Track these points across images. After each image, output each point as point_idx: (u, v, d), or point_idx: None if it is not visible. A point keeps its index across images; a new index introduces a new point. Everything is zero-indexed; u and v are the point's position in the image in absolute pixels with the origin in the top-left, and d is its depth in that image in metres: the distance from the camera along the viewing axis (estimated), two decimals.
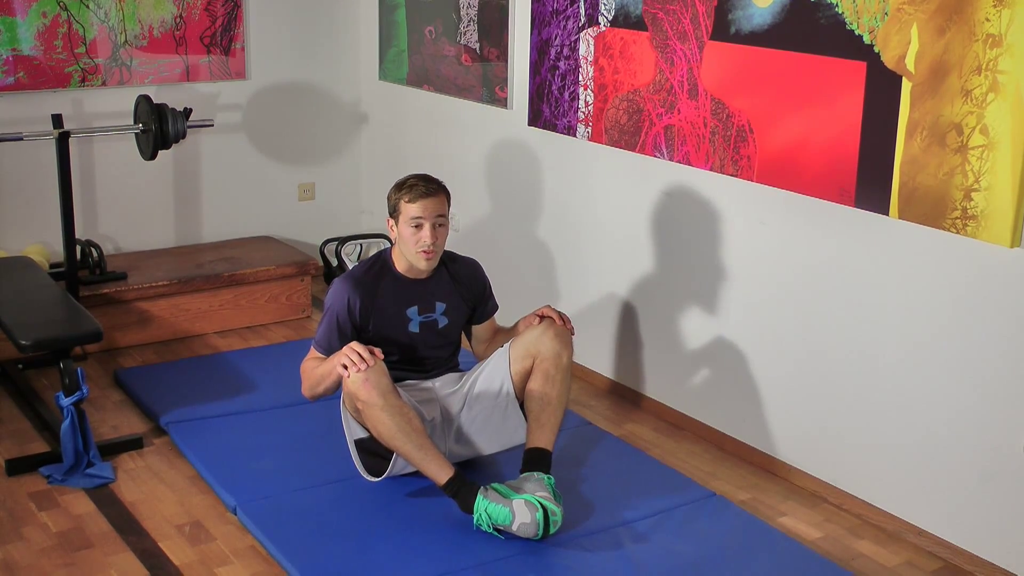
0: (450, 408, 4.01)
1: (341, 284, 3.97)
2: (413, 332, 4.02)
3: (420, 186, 3.92)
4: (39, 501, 3.95)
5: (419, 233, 3.88)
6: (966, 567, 3.71)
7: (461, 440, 4.00)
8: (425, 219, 3.87)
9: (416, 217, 3.87)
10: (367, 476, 3.95)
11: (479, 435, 4.02)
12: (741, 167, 4.18)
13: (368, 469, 3.94)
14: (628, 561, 3.62)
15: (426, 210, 3.88)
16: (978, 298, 3.56)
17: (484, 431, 4.02)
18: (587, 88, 4.78)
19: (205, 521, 3.86)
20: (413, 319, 4.01)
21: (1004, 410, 3.55)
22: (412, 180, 3.95)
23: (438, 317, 4.06)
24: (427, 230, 3.88)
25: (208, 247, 5.97)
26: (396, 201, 3.93)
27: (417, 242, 3.89)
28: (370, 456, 3.92)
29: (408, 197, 3.89)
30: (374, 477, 3.94)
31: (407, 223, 3.89)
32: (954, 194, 3.51)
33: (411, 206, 3.88)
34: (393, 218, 3.95)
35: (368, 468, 3.94)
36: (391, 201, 3.96)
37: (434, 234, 3.90)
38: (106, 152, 5.67)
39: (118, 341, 5.28)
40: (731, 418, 4.48)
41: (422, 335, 4.04)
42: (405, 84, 5.99)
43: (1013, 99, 3.30)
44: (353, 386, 3.72)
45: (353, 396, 3.76)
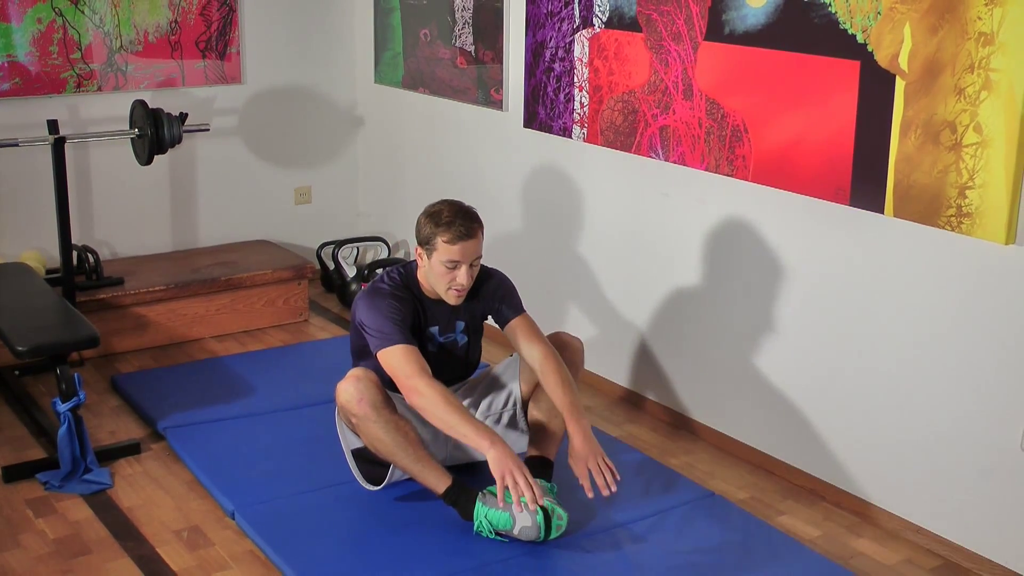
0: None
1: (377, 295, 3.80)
2: (432, 351, 3.89)
3: (459, 225, 3.70)
4: (36, 508, 3.95)
5: (454, 273, 3.73)
6: (965, 564, 3.71)
7: (460, 448, 3.99)
8: (462, 262, 3.71)
9: (454, 260, 3.71)
10: (366, 485, 3.92)
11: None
12: (736, 167, 4.18)
13: (367, 478, 3.92)
14: (628, 561, 3.62)
15: (464, 253, 3.70)
16: (974, 295, 3.57)
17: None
18: (582, 89, 4.78)
19: (203, 526, 3.86)
20: (434, 339, 3.92)
21: (1001, 407, 3.55)
22: (449, 214, 3.74)
23: (457, 336, 3.96)
24: (463, 272, 3.73)
25: (205, 251, 5.96)
26: (431, 236, 3.72)
27: (451, 281, 3.74)
28: (368, 465, 3.91)
29: (447, 237, 3.69)
30: (373, 486, 3.92)
31: (441, 262, 3.71)
32: (949, 192, 3.51)
33: (450, 247, 3.69)
34: (425, 250, 3.75)
35: (367, 476, 3.92)
36: (424, 232, 3.75)
37: (469, 275, 3.75)
38: (102, 157, 5.67)
39: (115, 346, 5.28)
40: (729, 417, 4.48)
41: (440, 355, 3.93)
42: (401, 87, 5.99)
43: (1006, 97, 3.30)
44: (346, 402, 3.71)
45: (346, 411, 3.75)
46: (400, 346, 3.68)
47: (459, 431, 3.56)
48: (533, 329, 3.91)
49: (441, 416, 3.58)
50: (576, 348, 4.01)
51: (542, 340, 3.88)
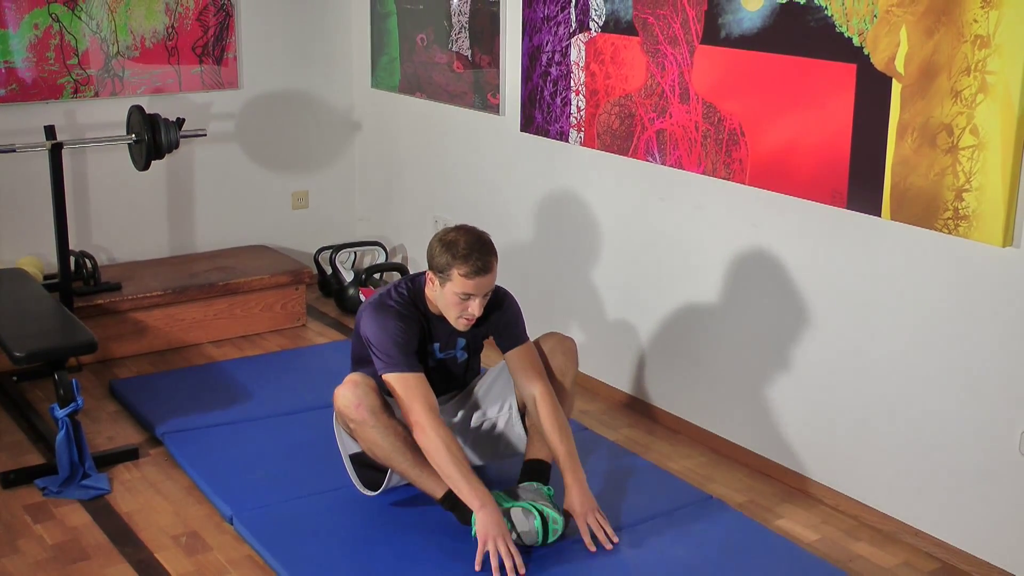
0: (449, 415, 4.01)
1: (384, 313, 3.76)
2: (430, 366, 3.87)
3: (476, 259, 3.63)
4: (35, 513, 3.94)
5: (466, 304, 3.69)
6: (963, 567, 3.71)
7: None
8: (476, 295, 3.68)
9: (468, 293, 3.66)
10: (364, 490, 3.91)
11: (478, 445, 4.01)
12: (733, 170, 4.18)
13: (364, 483, 3.91)
14: (625, 565, 3.62)
15: (479, 287, 3.66)
16: (971, 298, 3.57)
17: (484, 441, 4.01)
18: (579, 93, 4.78)
19: (202, 531, 3.85)
20: (434, 355, 3.91)
21: (999, 409, 3.55)
22: (465, 247, 3.65)
23: (457, 352, 3.95)
24: (476, 304, 3.69)
25: (202, 256, 5.96)
26: (447, 266, 3.64)
27: (463, 311, 3.71)
28: (366, 470, 3.90)
29: (463, 271, 3.62)
30: (371, 491, 3.91)
31: (455, 293, 3.66)
32: (945, 194, 3.51)
33: (465, 281, 3.63)
34: (439, 277, 3.68)
35: (364, 482, 3.91)
36: (439, 261, 3.66)
37: (481, 305, 3.71)
38: (99, 163, 5.67)
39: (113, 352, 5.28)
40: (727, 421, 4.48)
41: (438, 370, 3.92)
42: (397, 92, 6.00)
43: (1002, 99, 3.31)
44: (344, 408, 3.71)
45: (345, 416, 3.75)
46: (408, 375, 3.67)
47: (454, 483, 3.58)
48: (534, 363, 3.88)
49: (440, 463, 3.58)
50: (568, 347, 4.00)
51: (541, 377, 3.85)
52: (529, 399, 3.83)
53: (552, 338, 4.00)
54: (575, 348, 4.02)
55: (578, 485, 3.74)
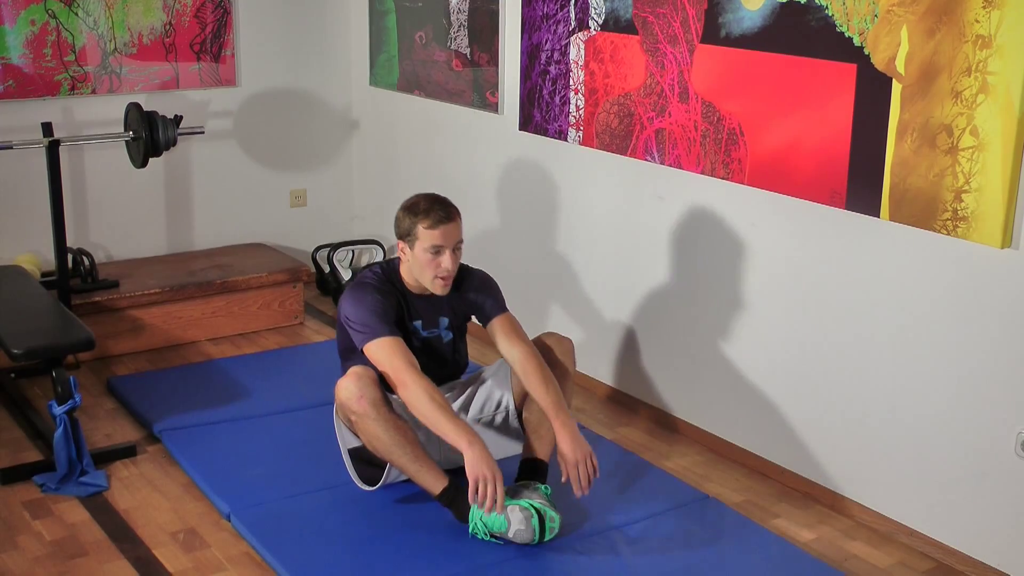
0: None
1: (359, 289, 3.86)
2: (416, 346, 3.89)
3: (438, 211, 3.79)
4: (33, 510, 3.94)
5: (438, 259, 3.79)
6: (958, 567, 3.72)
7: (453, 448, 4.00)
8: (445, 246, 3.78)
9: (436, 245, 3.77)
10: (362, 485, 3.93)
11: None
12: (732, 170, 4.19)
13: (363, 478, 3.93)
14: (623, 564, 3.62)
15: (446, 237, 3.78)
16: (969, 299, 3.58)
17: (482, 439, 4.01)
18: (578, 92, 4.79)
19: (199, 528, 3.85)
20: (418, 333, 3.93)
21: (995, 410, 3.56)
22: (426, 203, 3.82)
23: (442, 332, 3.98)
24: (447, 256, 3.79)
25: (200, 254, 5.96)
26: (412, 226, 3.79)
27: (436, 268, 3.80)
28: (364, 465, 3.91)
29: (427, 223, 3.76)
30: (369, 486, 3.92)
31: (425, 250, 3.77)
32: (945, 195, 3.52)
33: (431, 232, 3.76)
34: (406, 242, 3.82)
35: (363, 477, 3.93)
36: (404, 224, 3.81)
37: (454, 260, 3.81)
38: (97, 160, 5.67)
39: (111, 349, 5.28)
40: (724, 421, 4.49)
41: (425, 350, 3.93)
42: (396, 90, 6.00)
43: (1003, 100, 3.31)
44: (346, 399, 3.72)
45: (346, 409, 3.75)
46: (386, 338, 3.72)
47: (440, 428, 3.61)
48: (515, 329, 3.93)
49: (425, 411, 3.63)
50: (566, 348, 4.01)
51: (523, 340, 3.90)
52: (515, 362, 3.86)
53: (550, 338, 4.01)
54: (572, 348, 4.02)
55: (567, 431, 3.73)
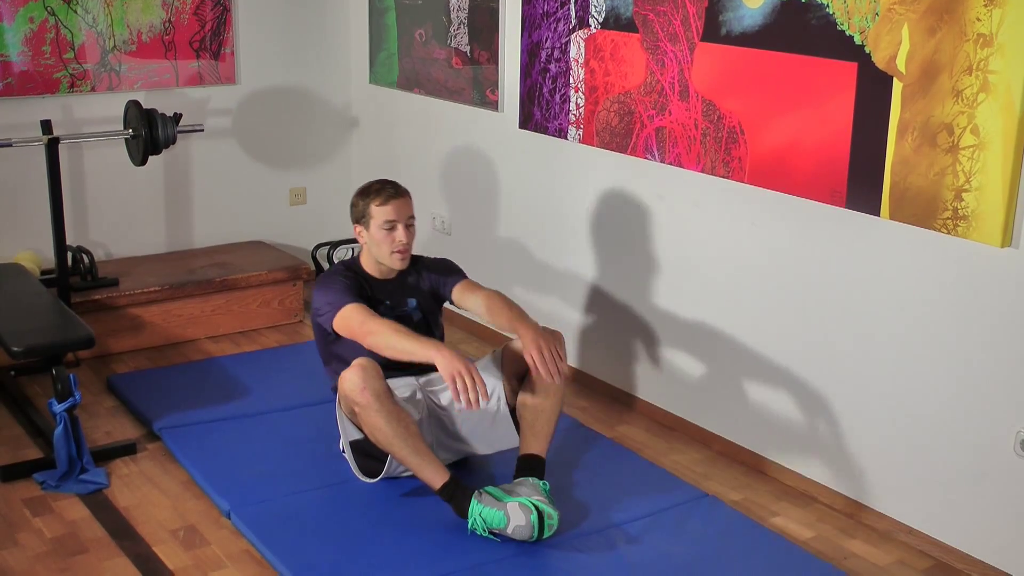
0: (438, 401, 4.04)
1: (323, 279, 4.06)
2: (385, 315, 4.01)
3: (388, 189, 4.06)
4: (33, 507, 3.95)
5: (393, 234, 4.02)
6: (957, 565, 3.73)
7: (449, 436, 4.03)
8: (398, 220, 4.02)
9: (389, 220, 4.01)
10: (362, 477, 3.97)
11: (468, 435, 4.05)
12: (732, 168, 4.19)
13: (363, 470, 3.96)
14: (622, 562, 3.62)
15: (398, 212, 4.02)
16: (969, 298, 3.58)
17: (473, 433, 4.04)
18: (578, 90, 4.79)
19: (199, 526, 3.86)
20: (387, 315, 3.99)
21: (996, 409, 3.56)
22: (377, 185, 4.09)
23: (411, 311, 4.12)
24: (400, 230, 4.02)
25: (200, 252, 5.96)
26: (365, 207, 4.04)
27: (392, 242, 4.02)
28: (365, 458, 3.94)
29: (378, 201, 4.02)
30: (369, 478, 3.95)
31: (379, 226, 4.01)
32: (945, 194, 3.52)
33: (383, 208, 4.01)
34: (362, 224, 4.06)
35: (363, 469, 3.96)
36: (358, 207, 4.07)
37: (407, 234, 4.04)
38: (96, 158, 5.67)
39: (110, 347, 5.28)
40: (723, 419, 4.49)
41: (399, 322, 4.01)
42: (395, 87, 6.00)
43: (1004, 99, 3.31)
44: (350, 391, 3.74)
45: (350, 400, 3.78)
46: (351, 304, 3.88)
47: (409, 349, 3.73)
48: (475, 284, 4.17)
49: (393, 342, 3.75)
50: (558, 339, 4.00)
51: (484, 289, 4.12)
52: (480, 306, 4.05)
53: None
54: (562, 339, 4.03)
55: (527, 326, 3.84)
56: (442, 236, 5.82)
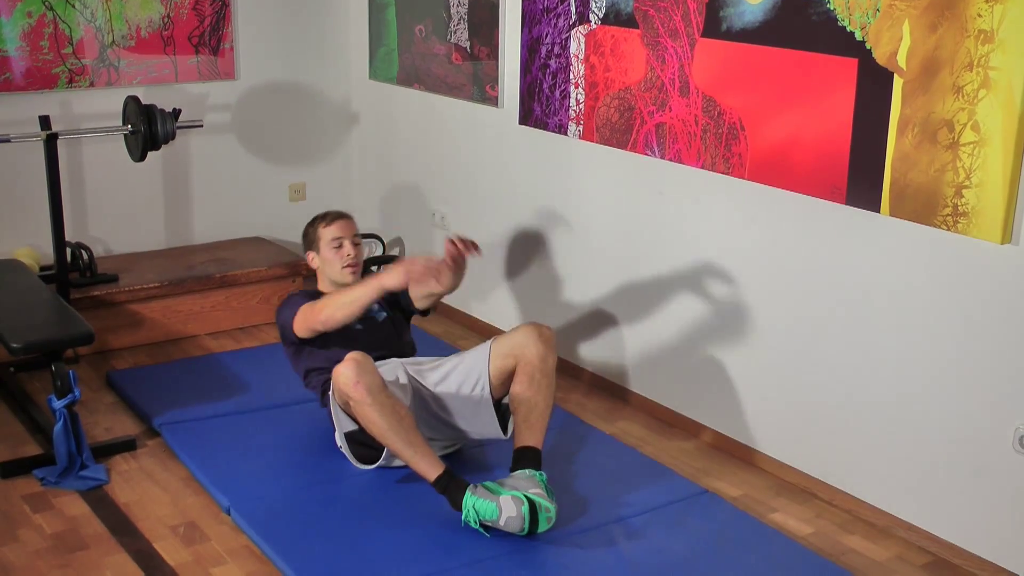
0: (423, 382, 4.10)
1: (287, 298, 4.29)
2: (358, 329, 4.21)
3: (332, 213, 4.42)
4: (33, 503, 3.95)
5: (341, 251, 4.29)
6: (955, 561, 3.73)
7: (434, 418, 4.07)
8: (344, 237, 4.31)
9: (336, 237, 4.30)
10: (358, 465, 4.00)
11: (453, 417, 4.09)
12: (732, 165, 4.19)
13: (359, 459, 4.01)
14: (621, 558, 3.63)
15: (343, 230, 4.33)
16: (969, 295, 3.58)
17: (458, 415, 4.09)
18: (578, 86, 4.78)
19: (199, 522, 3.86)
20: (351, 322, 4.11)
21: (995, 406, 3.57)
22: (321, 213, 4.43)
23: (376, 313, 4.30)
24: (348, 246, 4.30)
25: (199, 248, 5.96)
26: (313, 232, 4.36)
27: (342, 258, 4.28)
28: (360, 447, 4.00)
29: (324, 223, 4.35)
30: (365, 465, 3.99)
31: (328, 245, 4.30)
32: (945, 191, 3.52)
33: (329, 228, 4.32)
34: (313, 250, 4.36)
35: (359, 458, 4.02)
36: (308, 235, 4.38)
37: (355, 250, 4.31)
38: (95, 154, 5.66)
39: (110, 343, 5.28)
40: (722, 414, 4.49)
41: (367, 330, 4.24)
42: (395, 83, 5.99)
43: (1005, 95, 3.31)
44: (344, 385, 3.77)
45: (343, 394, 3.81)
46: (304, 304, 4.11)
47: (358, 295, 3.95)
48: None
49: (342, 300, 3.98)
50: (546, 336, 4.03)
51: None
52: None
53: (530, 327, 4.05)
54: (552, 335, 4.05)
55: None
56: (441, 232, 5.82)
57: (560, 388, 4.93)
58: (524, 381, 3.94)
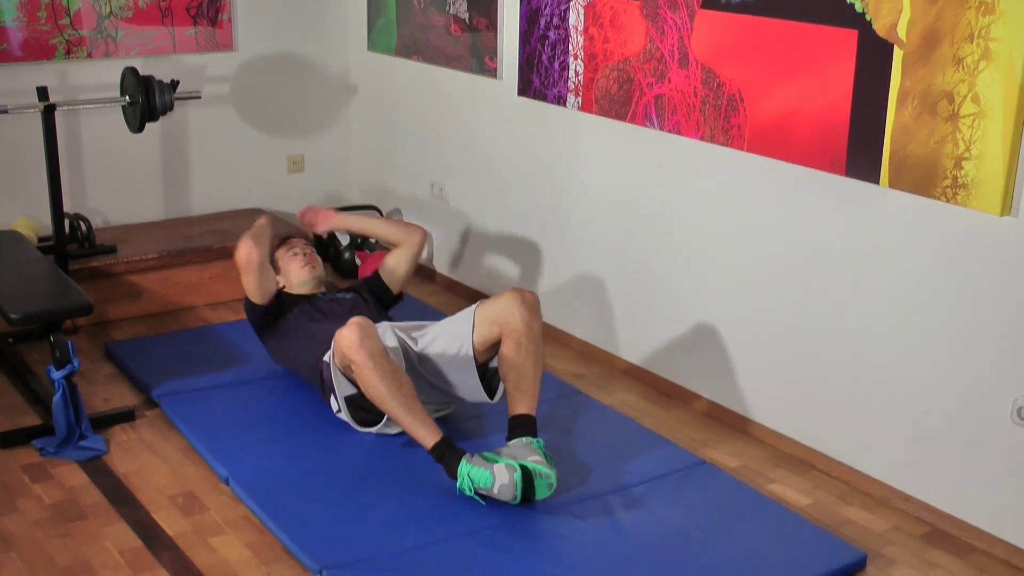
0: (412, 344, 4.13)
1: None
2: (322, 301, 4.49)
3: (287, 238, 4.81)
4: (32, 473, 3.96)
5: (296, 257, 4.63)
6: (953, 532, 3.74)
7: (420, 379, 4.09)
8: (296, 247, 4.69)
9: (292, 250, 4.67)
10: (357, 427, 4.03)
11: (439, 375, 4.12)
12: (732, 136, 4.18)
13: (358, 422, 4.04)
14: (618, 528, 3.64)
15: (294, 243, 4.72)
16: (968, 267, 3.58)
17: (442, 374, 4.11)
18: (577, 58, 4.77)
19: (198, 492, 3.87)
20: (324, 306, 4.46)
21: (993, 378, 3.57)
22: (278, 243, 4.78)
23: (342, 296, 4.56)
24: (299, 249, 4.67)
25: (197, 220, 5.95)
26: (276, 256, 4.66)
27: (299, 260, 4.63)
28: (359, 411, 4.02)
29: (281, 248, 4.71)
30: (365, 428, 4.02)
31: (287, 259, 4.64)
32: (945, 163, 3.52)
33: (284, 247, 4.72)
34: (280, 274, 4.62)
35: (358, 421, 4.04)
36: (275, 263, 4.64)
37: (309, 252, 4.69)
38: (93, 125, 5.65)
39: (108, 314, 5.28)
40: (721, 386, 4.50)
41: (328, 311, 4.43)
42: (394, 55, 5.97)
43: (1005, 67, 3.30)
44: (346, 348, 3.80)
45: (346, 357, 3.84)
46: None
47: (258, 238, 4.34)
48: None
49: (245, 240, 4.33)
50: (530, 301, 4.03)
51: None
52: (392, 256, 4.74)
53: (513, 293, 4.06)
54: (536, 300, 4.06)
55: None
56: (440, 203, 5.81)
57: (555, 358, 4.96)
58: (511, 348, 3.95)
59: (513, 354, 3.95)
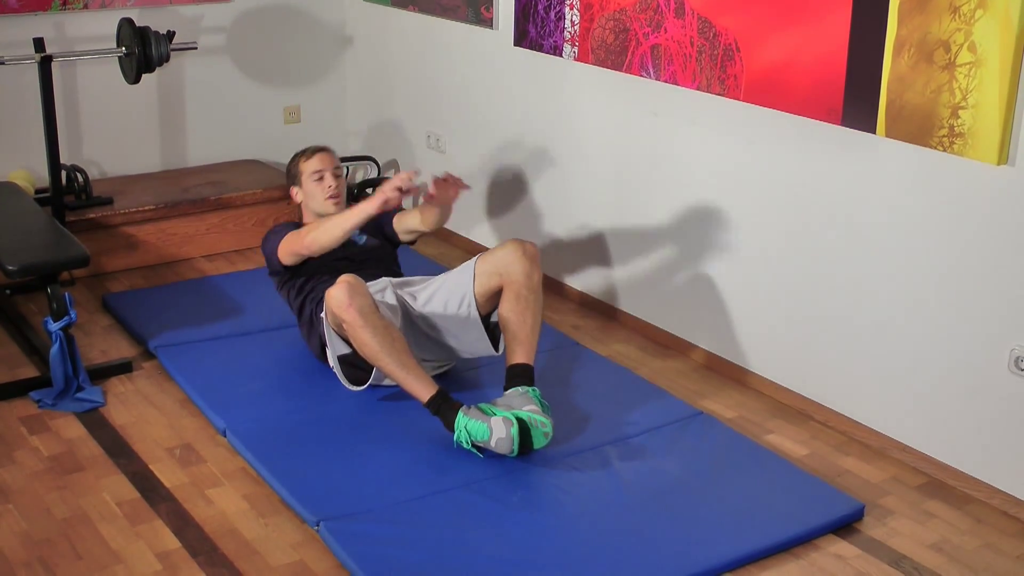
0: (412, 303, 4.12)
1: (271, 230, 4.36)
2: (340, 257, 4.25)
3: (311, 147, 4.49)
4: (30, 425, 3.97)
5: (322, 183, 4.38)
6: (950, 482, 3.76)
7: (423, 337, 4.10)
8: (325, 169, 4.39)
9: (317, 170, 4.38)
10: (349, 386, 4.02)
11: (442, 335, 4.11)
12: (728, 86, 4.16)
13: (350, 380, 4.02)
14: (615, 478, 3.65)
15: (323, 162, 4.40)
16: (964, 216, 3.57)
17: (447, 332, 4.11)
18: (573, 7, 4.74)
19: (195, 444, 3.89)
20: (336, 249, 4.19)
21: (990, 327, 3.57)
22: (302, 148, 4.50)
23: (356, 238, 4.27)
24: (329, 177, 4.38)
25: (194, 171, 5.94)
26: (295, 167, 4.45)
27: (324, 190, 4.37)
28: (352, 369, 4.00)
29: (305, 156, 4.43)
30: (356, 386, 4.01)
31: (310, 178, 4.38)
32: (941, 112, 3.50)
33: (310, 161, 4.41)
34: (296, 184, 4.45)
35: (350, 379, 4.02)
36: (290, 171, 4.47)
37: (336, 181, 4.39)
38: (89, 76, 5.62)
39: (105, 266, 5.28)
40: (718, 336, 4.50)
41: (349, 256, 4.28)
42: (390, 5, 5.93)
43: (1001, 15, 3.28)
44: (336, 307, 3.79)
45: (337, 317, 3.83)
46: (289, 232, 4.23)
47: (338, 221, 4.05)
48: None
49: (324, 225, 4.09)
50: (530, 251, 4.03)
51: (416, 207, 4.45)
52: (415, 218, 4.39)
53: (514, 244, 4.05)
54: (536, 251, 4.06)
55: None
56: (436, 154, 5.79)
57: (553, 309, 4.96)
58: (511, 299, 3.95)
59: (513, 305, 3.95)
